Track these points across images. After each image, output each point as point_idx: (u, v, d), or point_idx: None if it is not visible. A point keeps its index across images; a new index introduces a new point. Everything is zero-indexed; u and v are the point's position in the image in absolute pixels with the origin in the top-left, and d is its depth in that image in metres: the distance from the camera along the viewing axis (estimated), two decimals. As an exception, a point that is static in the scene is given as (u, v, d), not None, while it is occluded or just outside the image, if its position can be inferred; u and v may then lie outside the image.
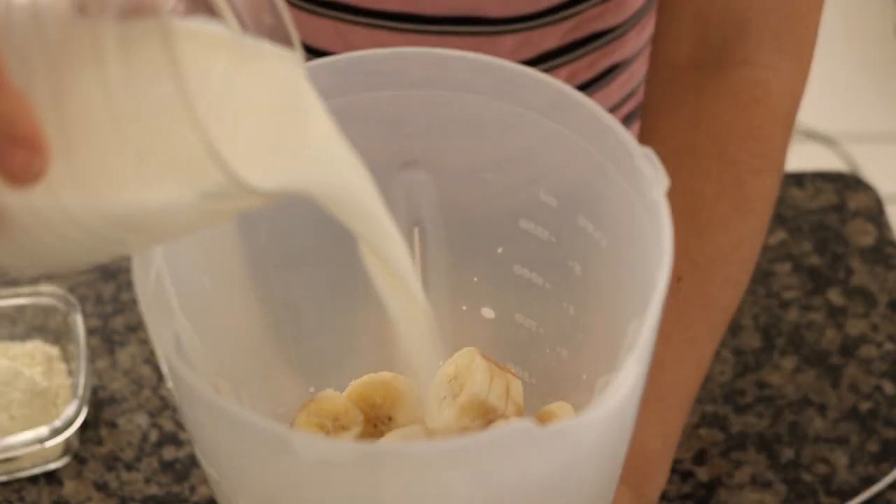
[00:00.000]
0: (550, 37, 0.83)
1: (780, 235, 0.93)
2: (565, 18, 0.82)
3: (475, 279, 0.66)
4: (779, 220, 0.93)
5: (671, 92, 0.76)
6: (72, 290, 0.89)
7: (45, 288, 0.84)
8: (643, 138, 0.76)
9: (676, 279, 0.69)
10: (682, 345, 0.70)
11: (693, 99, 0.74)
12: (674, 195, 0.71)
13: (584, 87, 0.88)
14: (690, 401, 0.71)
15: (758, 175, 0.72)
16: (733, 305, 0.73)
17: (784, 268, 0.91)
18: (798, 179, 0.96)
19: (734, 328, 0.87)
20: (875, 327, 0.87)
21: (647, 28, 0.89)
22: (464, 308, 0.67)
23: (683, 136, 0.73)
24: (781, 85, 0.74)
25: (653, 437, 0.69)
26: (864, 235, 0.93)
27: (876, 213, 0.94)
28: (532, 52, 0.83)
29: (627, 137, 0.55)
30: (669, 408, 0.70)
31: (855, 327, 0.87)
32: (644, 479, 0.69)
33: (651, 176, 0.54)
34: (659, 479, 0.71)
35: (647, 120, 0.78)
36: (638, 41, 0.89)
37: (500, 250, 0.64)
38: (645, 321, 0.50)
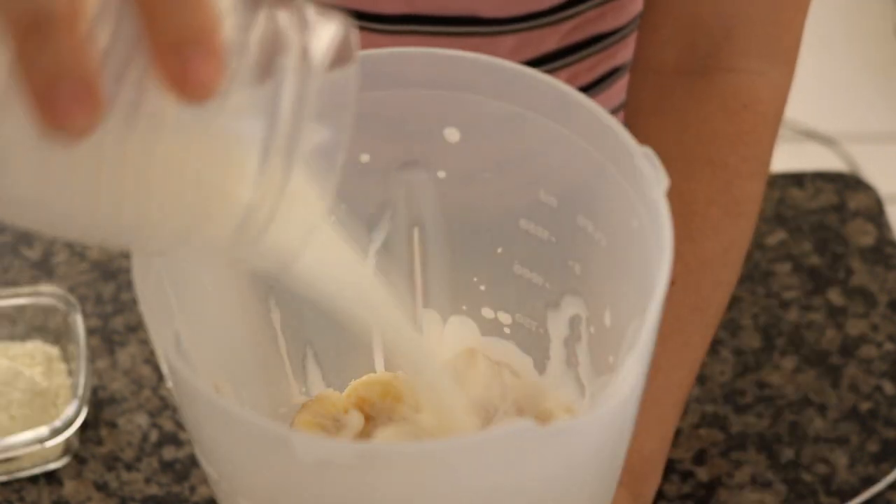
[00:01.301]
0: (549, 38, 0.83)
1: (780, 235, 0.93)
2: (563, 20, 0.82)
3: (475, 279, 0.66)
4: (779, 220, 0.93)
5: (657, 97, 0.76)
6: (72, 290, 0.89)
7: (45, 288, 0.84)
8: None
9: (670, 283, 0.70)
10: (677, 347, 0.70)
11: (680, 104, 0.75)
12: None
13: (585, 90, 0.88)
14: (684, 402, 0.72)
15: (747, 179, 0.73)
16: (723, 307, 0.73)
17: (784, 268, 0.91)
18: (798, 179, 0.96)
19: (734, 328, 0.87)
20: (875, 327, 0.87)
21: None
22: (464, 308, 0.67)
23: (671, 141, 0.74)
24: (768, 90, 0.75)
25: (650, 439, 0.70)
26: (864, 235, 0.93)
27: (876, 213, 0.94)
28: (531, 54, 0.83)
29: (627, 137, 0.55)
30: (665, 409, 0.71)
31: (855, 327, 0.87)
32: (641, 480, 0.70)
33: (651, 176, 0.54)
34: (655, 479, 0.71)
35: (631, 125, 0.78)
36: None
37: (499, 250, 0.64)
38: (645, 321, 0.50)
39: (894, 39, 2.27)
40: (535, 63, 0.84)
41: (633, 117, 0.78)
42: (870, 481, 0.80)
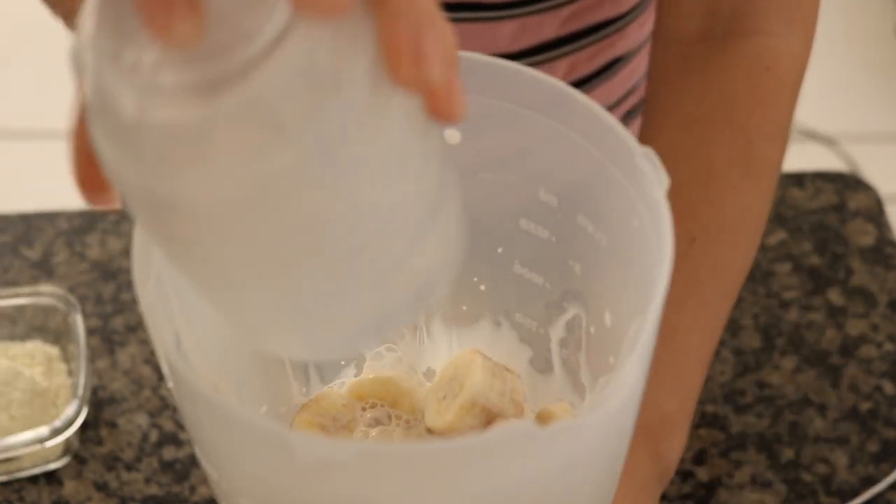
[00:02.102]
0: (548, 25, 0.83)
1: (780, 235, 0.93)
2: (561, 5, 0.82)
3: (475, 279, 0.66)
4: (779, 220, 0.93)
5: (679, 65, 0.76)
6: (72, 290, 0.89)
7: (45, 288, 0.84)
8: (649, 109, 0.77)
9: (690, 241, 0.69)
10: (695, 309, 0.70)
11: (702, 69, 0.75)
12: (685, 161, 0.70)
13: (586, 81, 0.88)
14: (705, 366, 0.71)
15: (768, 141, 0.73)
16: (744, 271, 0.73)
17: (784, 268, 0.91)
18: (798, 179, 0.96)
19: (734, 328, 0.87)
20: (875, 327, 0.87)
21: (647, 23, 0.89)
22: (464, 308, 0.67)
23: (692, 105, 0.74)
24: (789, 53, 0.75)
25: (668, 399, 0.68)
26: (864, 235, 0.93)
27: (876, 213, 0.94)
28: (531, 41, 0.83)
29: (627, 136, 0.55)
30: (683, 371, 0.70)
31: (855, 327, 0.87)
32: (660, 440, 0.68)
33: (651, 175, 0.54)
34: (677, 442, 0.69)
35: (652, 92, 0.78)
36: (638, 36, 0.89)
37: (500, 250, 0.64)
38: (645, 321, 0.50)
39: (894, 39, 2.27)
40: (534, 51, 0.84)
41: (657, 86, 0.78)
42: (870, 481, 0.80)
